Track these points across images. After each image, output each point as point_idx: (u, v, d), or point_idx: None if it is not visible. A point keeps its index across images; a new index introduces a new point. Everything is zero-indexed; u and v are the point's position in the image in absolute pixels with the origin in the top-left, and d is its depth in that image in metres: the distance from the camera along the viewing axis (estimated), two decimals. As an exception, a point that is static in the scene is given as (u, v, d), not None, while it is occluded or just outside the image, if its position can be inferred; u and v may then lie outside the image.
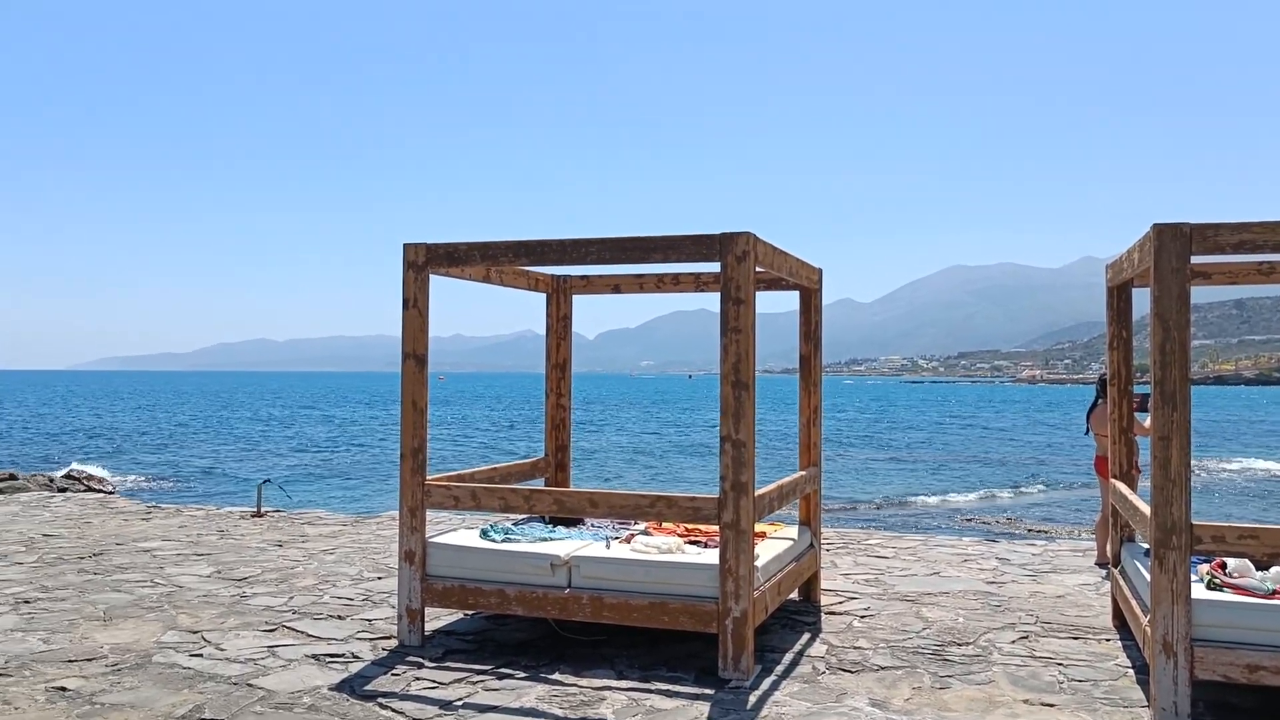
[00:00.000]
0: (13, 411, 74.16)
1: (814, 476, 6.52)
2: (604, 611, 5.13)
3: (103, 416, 68.54)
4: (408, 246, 5.61)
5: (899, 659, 5.25)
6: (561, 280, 7.17)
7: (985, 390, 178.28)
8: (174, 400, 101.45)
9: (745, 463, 4.88)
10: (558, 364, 7.25)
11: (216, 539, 9.03)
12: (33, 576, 7.29)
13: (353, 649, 5.43)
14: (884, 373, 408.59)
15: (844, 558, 8.06)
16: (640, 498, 5.19)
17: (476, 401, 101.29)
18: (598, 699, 4.62)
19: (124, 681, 4.84)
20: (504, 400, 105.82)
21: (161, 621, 6.02)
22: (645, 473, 33.56)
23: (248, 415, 72.03)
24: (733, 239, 4.91)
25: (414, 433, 5.56)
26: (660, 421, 65.86)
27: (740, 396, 4.88)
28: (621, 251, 5.20)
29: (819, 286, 6.65)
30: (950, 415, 77.55)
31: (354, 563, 7.90)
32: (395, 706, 4.50)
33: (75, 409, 79.42)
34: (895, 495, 26.76)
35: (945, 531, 16.79)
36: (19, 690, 4.70)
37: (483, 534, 5.83)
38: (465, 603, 5.46)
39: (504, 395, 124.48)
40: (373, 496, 26.50)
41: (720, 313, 4.94)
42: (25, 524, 9.86)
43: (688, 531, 5.99)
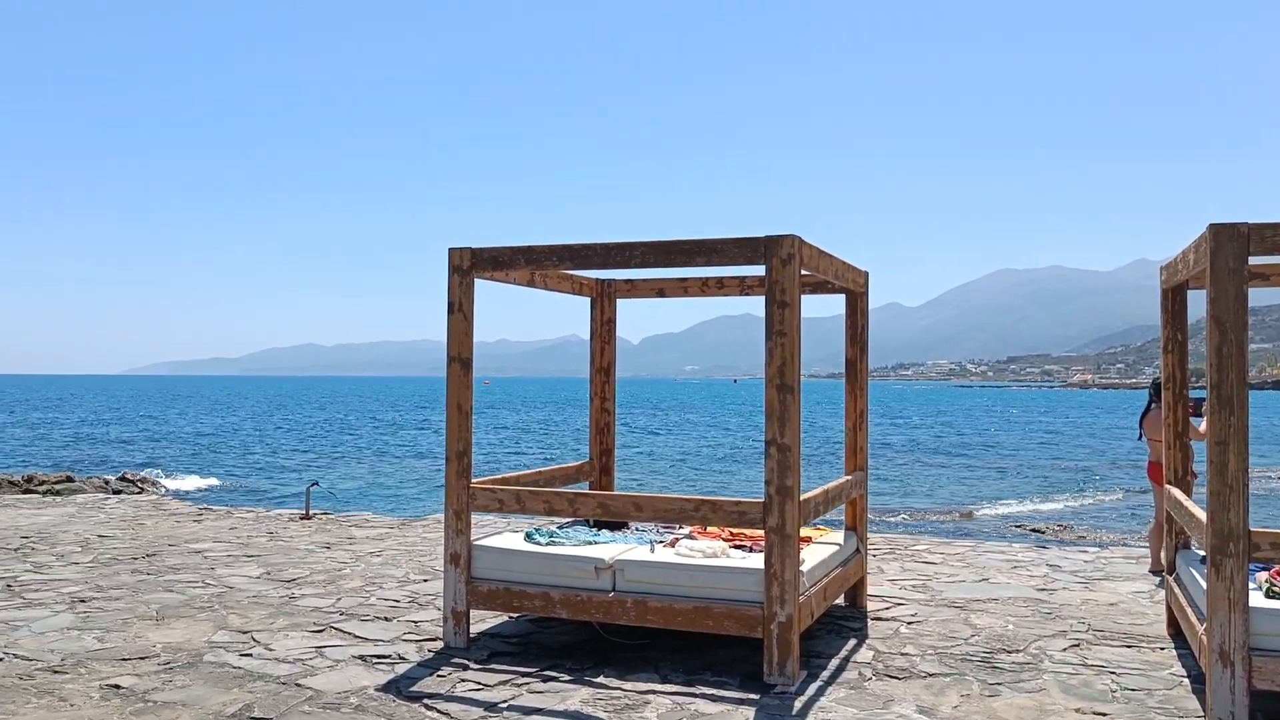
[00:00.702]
0: (69, 415, 75.77)
1: (860, 481, 6.47)
2: (648, 615, 5.12)
3: (156, 420, 69.81)
4: (453, 251, 5.64)
5: (947, 666, 5.19)
6: (606, 284, 7.18)
7: (1035, 395, 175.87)
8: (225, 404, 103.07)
9: (790, 467, 4.84)
10: (602, 368, 7.26)
11: (266, 541, 9.15)
12: (88, 576, 7.43)
13: (399, 650, 5.47)
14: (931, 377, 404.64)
15: (891, 563, 7.98)
16: (685, 502, 5.18)
17: (520, 406, 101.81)
18: (642, 703, 4.61)
19: (176, 680, 4.92)
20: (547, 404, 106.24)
21: (212, 621, 6.10)
22: (689, 477, 33.50)
23: (296, 419, 72.98)
24: (778, 242, 4.88)
25: (459, 436, 5.59)
26: (704, 426, 65.73)
27: (785, 400, 4.85)
28: (665, 255, 5.19)
29: (865, 289, 6.59)
30: (1000, 420, 76.57)
31: (400, 565, 7.96)
32: (441, 708, 4.52)
33: (129, 413, 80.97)
34: (943, 501, 26.47)
35: (994, 537, 16.57)
36: (74, 687, 4.79)
37: (527, 537, 5.85)
38: (510, 605, 5.48)
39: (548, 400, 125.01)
40: (419, 500, 26.71)
41: (765, 316, 4.91)
42: (81, 525, 10.06)
43: (732, 536, 5.96)
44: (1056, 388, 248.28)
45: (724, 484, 31.38)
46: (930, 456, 41.72)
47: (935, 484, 31.05)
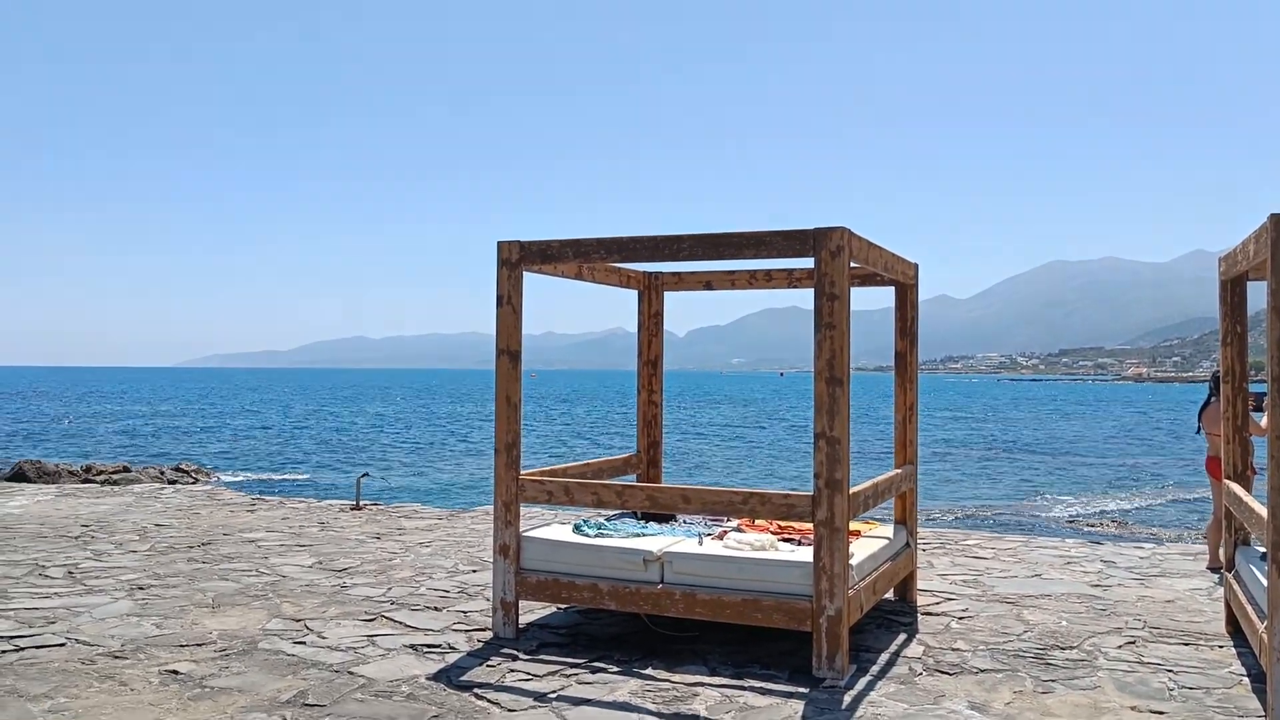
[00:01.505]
0: (126, 407, 77.38)
1: (910, 474, 6.41)
2: (696, 608, 5.12)
3: (209, 412, 71.05)
4: (501, 244, 5.67)
5: (999, 662, 5.13)
6: (653, 277, 7.18)
7: (1089, 389, 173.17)
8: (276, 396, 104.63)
9: (840, 460, 4.81)
10: (649, 360, 7.26)
11: (317, 531, 9.28)
12: (146, 564, 7.58)
13: (449, 640, 5.52)
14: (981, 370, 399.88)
15: (941, 558, 7.91)
16: (733, 494, 5.16)
17: (567, 398, 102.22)
18: (691, 695, 4.61)
19: (232, 666, 5.01)
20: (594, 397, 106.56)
21: (266, 609, 6.20)
22: (736, 470, 33.44)
23: (346, 411, 73.89)
24: (827, 234, 4.85)
25: (508, 428, 5.62)
26: (752, 419, 65.55)
27: (834, 393, 4.82)
28: (713, 248, 5.18)
29: (915, 281, 6.53)
30: (1051, 414, 75.50)
31: (449, 556, 8.03)
32: (491, 697, 4.56)
33: (184, 405, 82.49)
34: (994, 495, 26.17)
35: (1047, 533, 16.35)
36: (134, 672, 4.89)
37: (576, 529, 5.87)
38: (558, 596, 5.51)
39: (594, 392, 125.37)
40: (467, 492, 26.94)
41: (814, 308, 4.88)
42: (139, 514, 10.27)
43: (781, 529, 5.94)
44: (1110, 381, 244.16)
45: (771, 477, 31.29)
46: (981, 450, 41.25)
47: (986, 478, 30.70)
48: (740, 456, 38.53)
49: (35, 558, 7.79)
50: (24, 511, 10.41)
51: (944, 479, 29.70)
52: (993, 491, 27.24)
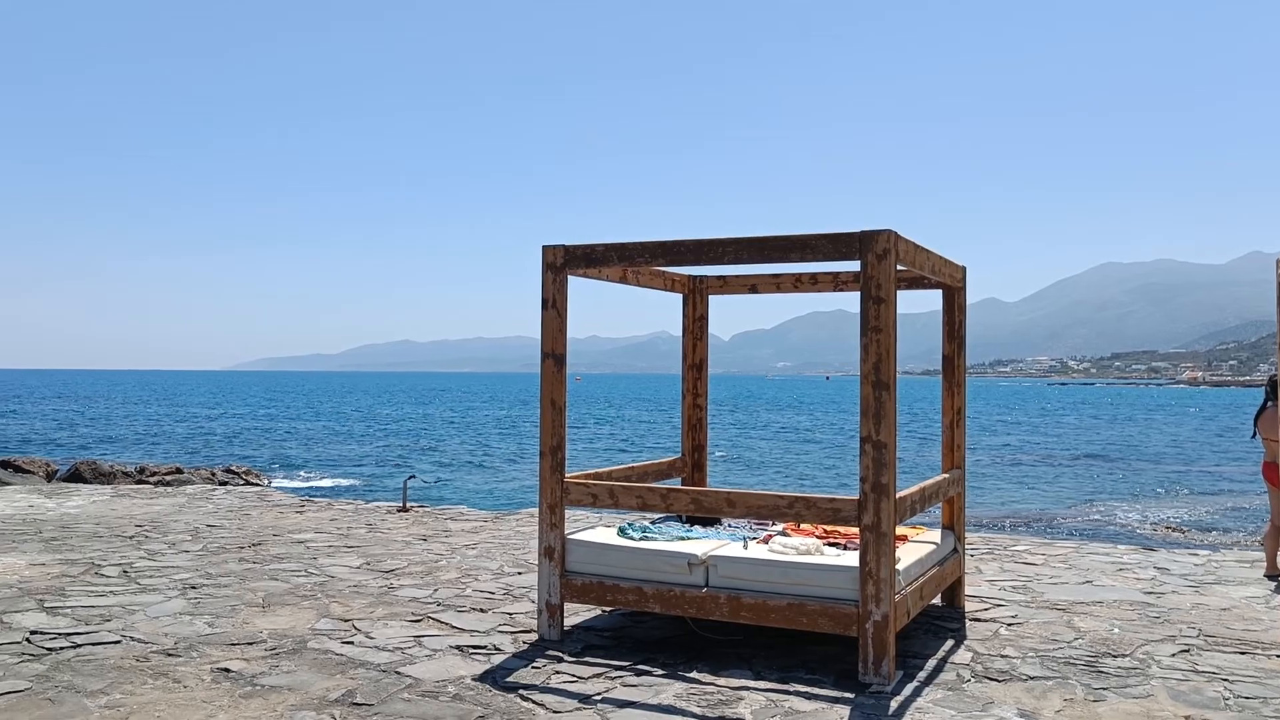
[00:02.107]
0: (178, 409, 78.76)
1: (958, 479, 6.34)
2: (741, 611, 5.11)
3: (259, 414, 72.10)
4: (546, 248, 5.69)
5: (1049, 669, 5.06)
6: (698, 280, 7.17)
7: (1142, 393, 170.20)
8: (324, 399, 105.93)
9: (886, 464, 4.78)
10: (694, 364, 7.26)
11: (365, 532, 9.38)
12: (198, 564, 7.71)
13: (494, 641, 5.55)
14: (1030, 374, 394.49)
15: (989, 564, 7.81)
16: (778, 498, 5.14)
17: (612, 402, 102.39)
18: (735, 698, 4.60)
19: (282, 665, 5.08)
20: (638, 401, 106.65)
21: (315, 609, 6.28)
22: (781, 474, 33.29)
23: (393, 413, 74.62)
24: (873, 237, 4.82)
25: (553, 431, 5.64)
26: (797, 423, 65.22)
27: (881, 397, 4.79)
28: (758, 251, 5.16)
29: (963, 284, 6.46)
30: (1104, 418, 74.30)
31: (495, 558, 8.08)
32: (536, 698, 4.58)
33: (234, 407, 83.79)
34: (1044, 501, 25.80)
35: (1098, 538, 16.09)
36: (187, 670, 4.98)
37: (621, 531, 5.88)
38: (603, 599, 5.52)
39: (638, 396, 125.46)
40: (513, 494, 27.07)
41: (860, 312, 4.85)
42: (191, 515, 10.45)
43: (826, 533, 5.91)
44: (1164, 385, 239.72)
45: (816, 481, 31.11)
46: (1030, 455, 40.70)
47: (1036, 483, 30.28)
48: (785, 461, 38.35)
49: (91, 557, 7.95)
50: (81, 511, 10.63)
51: (993, 484, 29.34)
52: (1042, 497, 26.86)
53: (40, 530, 9.28)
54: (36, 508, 10.91)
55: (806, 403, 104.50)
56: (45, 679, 4.81)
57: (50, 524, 9.69)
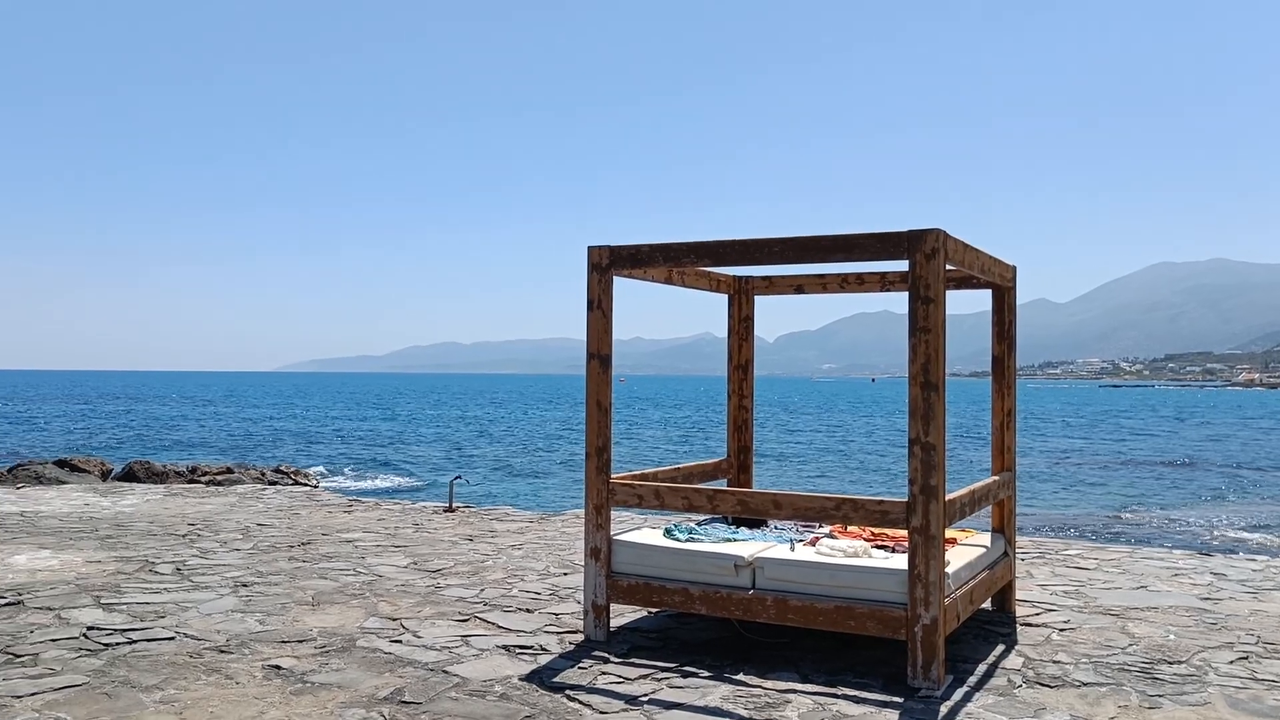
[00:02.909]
0: (229, 410, 79.97)
1: (1008, 482, 6.26)
2: (788, 614, 5.08)
3: (307, 415, 73.02)
4: (591, 249, 5.70)
5: (1103, 675, 4.97)
6: (743, 281, 7.14)
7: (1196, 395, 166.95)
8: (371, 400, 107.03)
9: (935, 466, 4.73)
10: (740, 365, 7.23)
11: (412, 532, 9.45)
12: (249, 562, 7.82)
13: (541, 641, 5.57)
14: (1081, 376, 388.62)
15: (1040, 568, 7.70)
16: (825, 500, 5.10)
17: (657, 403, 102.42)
18: (783, 701, 4.57)
19: (331, 663, 5.13)
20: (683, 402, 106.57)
21: (364, 608, 6.34)
22: (826, 476, 33.08)
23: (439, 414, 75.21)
24: (921, 236, 4.77)
25: (599, 432, 5.65)
26: (843, 425, 64.80)
27: (930, 398, 4.74)
28: (805, 251, 5.13)
29: (1013, 284, 6.38)
30: (1157, 420, 73.01)
31: (540, 558, 8.10)
32: (583, 699, 4.58)
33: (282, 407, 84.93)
34: (1096, 504, 25.38)
35: (1152, 543, 15.79)
36: (239, 666, 5.05)
37: (667, 533, 5.87)
38: (649, 600, 5.51)
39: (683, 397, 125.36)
40: (557, 495, 27.16)
41: (909, 312, 4.80)
42: (241, 514, 10.60)
43: (874, 536, 5.85)
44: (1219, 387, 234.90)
45: (860, 483, 30.87)
46: (1080, 458, 40.08)
47: (1087, 486, 29.81)
48: (827, 463, 38.11)
49: (145, 554, 8.09)
50: (135, 510, 10.83)
51: (1042, 487, 28.92)
52: (1094, 500, 26.43)
53: (96, 528, 9.47)
54: (92, 506, 11.13)
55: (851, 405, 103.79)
56: (102, 674, 4.90)
57: (105, 522, 9.88)
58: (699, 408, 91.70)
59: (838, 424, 66.16)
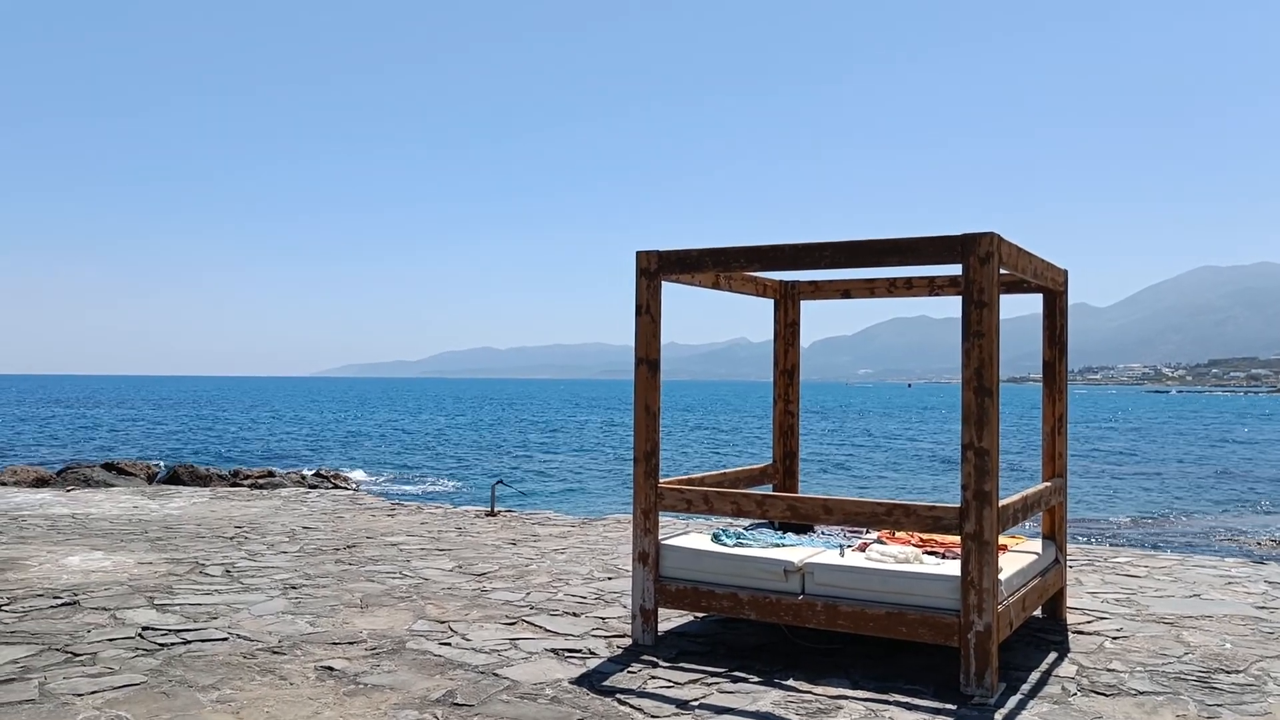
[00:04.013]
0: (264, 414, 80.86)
1: (1059, 488, 6.19)
2: (839, 619, 5.05)
3: (345, 419, 73.65)
4: (640, 254, 5.71)
5: (1159, 684, 4.90)
6: (789, 286, 7.12)
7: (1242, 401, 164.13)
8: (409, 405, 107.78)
9: (989, 472, 4.68)
10: (786, 370, 7.21)
11: (455, 536, 9.50)
12: (296, 565, 7.90)
13: (589, 645, 5.58)
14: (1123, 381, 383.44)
15: (1090, 575, 7.60)
16: (876, 505, 5.07)
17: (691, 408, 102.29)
18: (834, 707, 4.54)
19: (382, 665, 5.17)
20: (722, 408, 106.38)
21: (411, 611, 6.38)
22: (868, 481, 32.87)
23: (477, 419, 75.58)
24: (976, 240, 4.73)
25: (647, 436, 5.65)
26: (883, 430, 64.38)
27: (983, 403, 4.70)
28: (855, 255, 5.10)
29: (1065, 288, 6.32)
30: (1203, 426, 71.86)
31: (584, 562, 8.12)
32: (633, 703, 4.58)
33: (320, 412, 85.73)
34: (1144, 511, 25.02)
35: (1204, 551, 15.55)
36: (292, 667, 5.10)
37: (714, 538, 5.86)
38: (697, 605, 5.50)
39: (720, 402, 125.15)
40: (597, 500, 27.19)
41: (962, 317, 4.77)
42: (287, 517, 10.71)
43: (923, 542, 5.81)
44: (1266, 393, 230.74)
45: (903, 489, 30.65)
46: (1127, 465, 39.53)
47: (1135, 493, 29.40)
48: (871, 469, 37.86)
49: (195, 556, 8.20)
50: (182, 513, 10.97)
51: (1086, 493, 28.56)
52: (1138, 507, 26.06)
53: (146, 530, 9.60)
54: (141, 509, 11.29)
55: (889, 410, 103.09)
56: (159, 673, 4.97)
57: (155, 524, 10.02)
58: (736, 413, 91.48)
59: (875, 429, 65.74)
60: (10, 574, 7.39)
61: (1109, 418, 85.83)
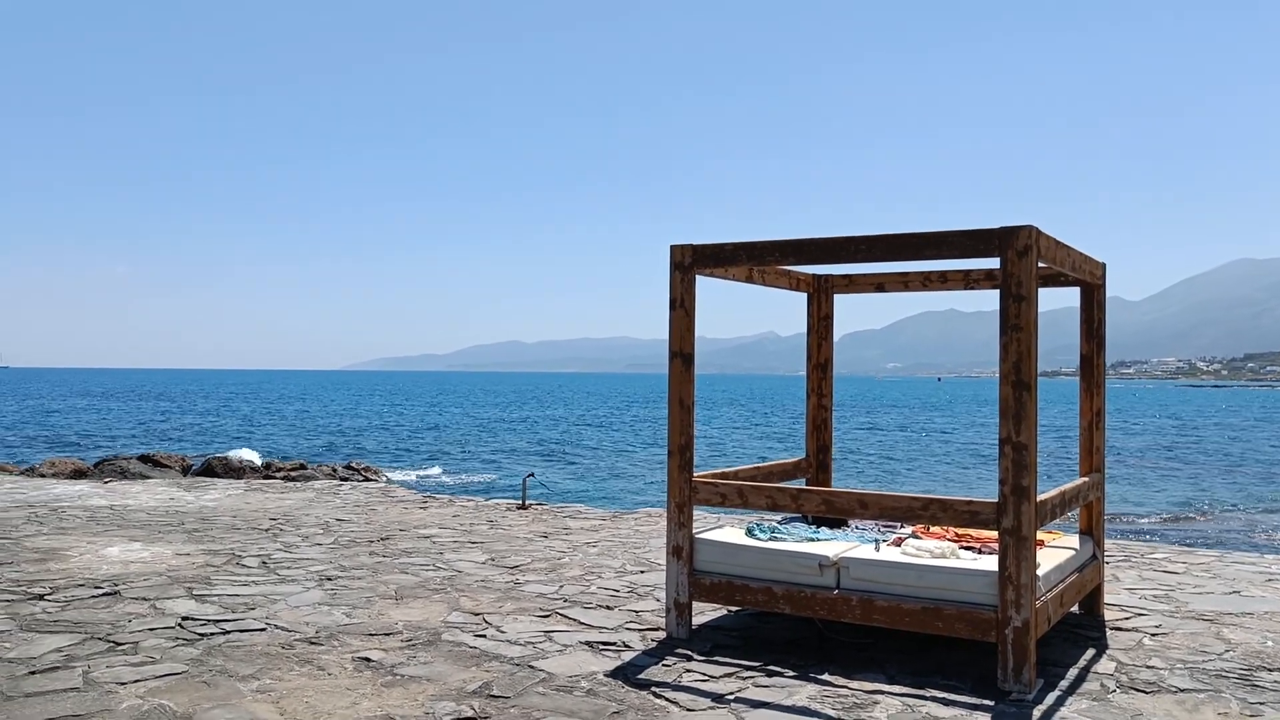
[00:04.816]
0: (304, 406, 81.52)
1: (1097, 483, 6.13)
2: (874, 614, 5.03)
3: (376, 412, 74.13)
4: (674, 248, 5.70)
5: (1200, 682, 4.84)
6: (822, 279, 7.09)
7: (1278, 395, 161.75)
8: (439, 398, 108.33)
9: (1027, 466, 4.65)
10: (819, 364, 7.18)
11: (487, 529, 9.55)
12: (331, 556, 7.96)
13: (623, 638, 5.59)
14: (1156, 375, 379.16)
15: (1127, 571, 7.53)
16: (912, 500, 5.05)
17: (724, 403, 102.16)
18: (870, 702, 4.53)
19: (419, 656, 5.20)
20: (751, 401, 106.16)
21: (446, 603, 6.42)
22: (897, 475, 32.71)
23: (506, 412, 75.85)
24: (1014, 233, 4.69)
25: (681, 430, 5.65)
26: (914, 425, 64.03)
27: (1021, 397, 4.66)
28: (890, 249, 5.07)
29: (1103, 281, 6.25)
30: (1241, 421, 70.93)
31: (616, 556, 8.13)
32: (669, 696, 4.59)
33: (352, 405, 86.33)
34: (1180, 507, 24.75)
35: (1243, 547, 15.36)
36: (330, 658, 5.14)
37: (748, 531, 5.86)
38: (732, 599, 5.50)
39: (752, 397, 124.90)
40: (626, 493, 27.23)
41: (1000, 310, 4.73)
42: (320, 509, 10.80)
43: (958, 537, 5.78)
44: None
45: (935, 484, 30.48)
46: (1161, 460, 39.11)
47: (1170, 489, 29.09)
48: (898, 463, 37.68)
49: (231, 548, 8.29)
50: (218, 505, 11.09)
51: (1126, 489, 28.28)
52: (1179, 503, 25.77)
53: (183, 522, 9.72)
54: (177, 500, 11.43)
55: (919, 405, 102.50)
56: (200, 663, 5.03)
57: (191, 516, 10.14)
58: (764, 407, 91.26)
59: (905, 423, 65.40)
60: (52, 564, 7.50)
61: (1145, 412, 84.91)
